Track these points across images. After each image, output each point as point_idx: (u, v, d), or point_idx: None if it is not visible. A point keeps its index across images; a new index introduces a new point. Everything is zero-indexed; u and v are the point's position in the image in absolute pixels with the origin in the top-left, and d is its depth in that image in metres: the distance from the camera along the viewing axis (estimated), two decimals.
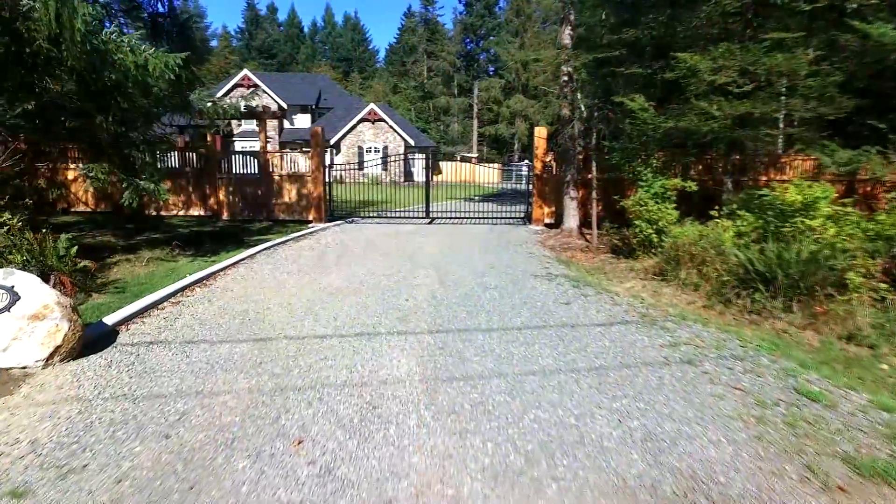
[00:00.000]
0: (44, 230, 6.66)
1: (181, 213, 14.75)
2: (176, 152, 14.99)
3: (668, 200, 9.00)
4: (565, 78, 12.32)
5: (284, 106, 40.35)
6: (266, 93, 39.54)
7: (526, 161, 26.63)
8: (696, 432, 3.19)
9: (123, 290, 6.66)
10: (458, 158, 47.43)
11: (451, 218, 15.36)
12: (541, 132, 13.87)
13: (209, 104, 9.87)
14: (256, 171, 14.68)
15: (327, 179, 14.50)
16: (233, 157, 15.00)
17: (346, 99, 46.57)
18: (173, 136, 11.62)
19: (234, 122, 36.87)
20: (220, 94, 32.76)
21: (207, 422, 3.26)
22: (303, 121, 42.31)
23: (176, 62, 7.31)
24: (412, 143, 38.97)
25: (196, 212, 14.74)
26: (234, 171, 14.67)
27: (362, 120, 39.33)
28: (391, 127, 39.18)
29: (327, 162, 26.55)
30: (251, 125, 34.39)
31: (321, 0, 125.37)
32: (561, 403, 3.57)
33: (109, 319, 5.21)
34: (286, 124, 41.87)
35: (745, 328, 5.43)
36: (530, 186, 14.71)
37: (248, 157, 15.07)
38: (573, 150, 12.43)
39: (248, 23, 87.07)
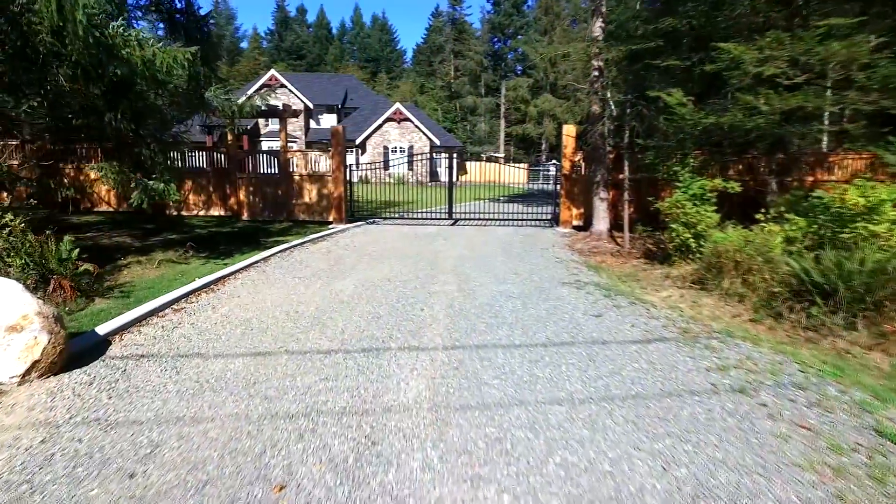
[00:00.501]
0: (47, 231, 6.40)
1: (202, 213, 14.59)
2: (196, 152, 14.87)
3: (708, 202, 8.33)
4: (596, 73, 11.70)
5: (311, 106, 40.38)
6: (292, 93, 39.63)
7: (553, 161, 25.96)
8: (759, 487, 2.63)
9: (129, 294, 6.35)
10: (485, 158, 46.85)
11: (475, 219, 14.86)
12: (569, 130, 13.24)
13: (225, 101, 9.57)
14: (277, 171, 14.42)
15: (348, 179, 14.13)
16: (253, 156, 14.76)
17: (372, 99, 46.43)
18: (186, 134, 11.38)
19: (261, 122, 37.08)
20: (247, 94, 32.90)
21: (181, 457, 2.83)
22: (329, 121, 42.30)
23: (185, 57, 6.99)
24: (438, 142, 38.56)
25: (216, 212, 14.57)
26: (254, 171, 14.43)
27: (388, 119, 39.09)
28: (417, 126, 38.83)
29: (352, 161, 26.30)
30: (278, 124, 34.46)
31: (350, 1, 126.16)
32: (592, 442, 3.04)
33: (103, 328, 4.87)
34: (312, 124, 41.93)
35: (801, 347, 4.79)
36: (558, 187, 14.10)
37: (268, 156, 14.82)
38: (603, 148, 11.79)
39: (277, 24, 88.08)
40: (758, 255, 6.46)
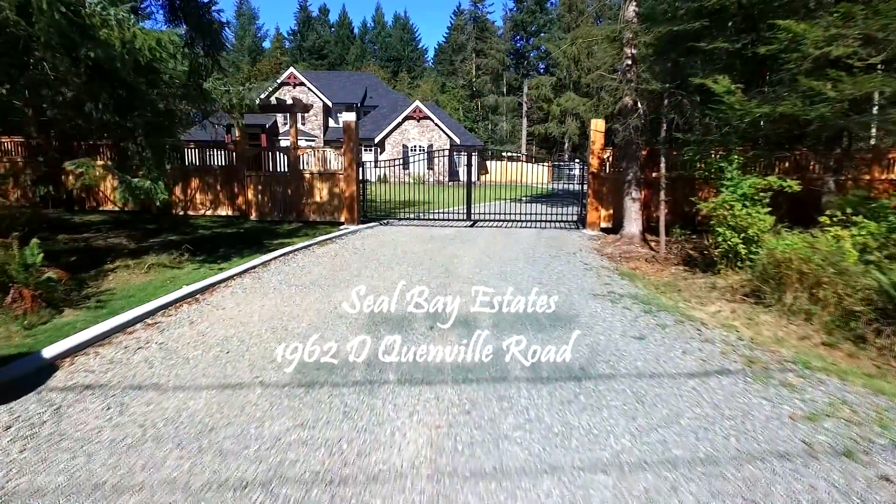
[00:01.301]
0: (14, 234, 5.73)
1: (209, 212, 13.96)
2: (209, 149, 14.23)
3: (760, 203, 7.33)
4: (628, 61, 10.71)
5: (330, 104, 39.90)
6: (311, 90, 39.21)
7: (577, 159, 24.91)
8: None
9: (104, 304, 5.64)
10: (506, 157, 45.80)
11: (495, 220, 13.97)
12: (598, 125, 12.26)
13: (224, 93, 8.85)
14: (287, 169, 13.70)
15: (361, 177, 13.35)
16: (262, 154, 14.07)
17: (392, 97, 45.75)
18: (196, 130, 10.71)
19: (279, 120, 36.69)
20: (266, 92, 32.44)
21: None
22: (348, 118, 41.76)
23: (170, 39, 6.27)
24: (458, 141, 37.69)
25: (224, 211, 13.92)
26: (263, 169, 13.74)
27: (407, 118, 38.35)
28: (437, 125, 38.02)
29: (370, 159, 25.59)
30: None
31: (372, 0, 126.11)
32: None
33: (53, 349, 4.12)
34: (331, 122, 41.44)
35: None
36: (584, 187, 13.13)
37: (278, 154, 14.12)
38: (637, 144, 10.80)
39: (300, 24, 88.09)
40: (828, 265, 5.47)
